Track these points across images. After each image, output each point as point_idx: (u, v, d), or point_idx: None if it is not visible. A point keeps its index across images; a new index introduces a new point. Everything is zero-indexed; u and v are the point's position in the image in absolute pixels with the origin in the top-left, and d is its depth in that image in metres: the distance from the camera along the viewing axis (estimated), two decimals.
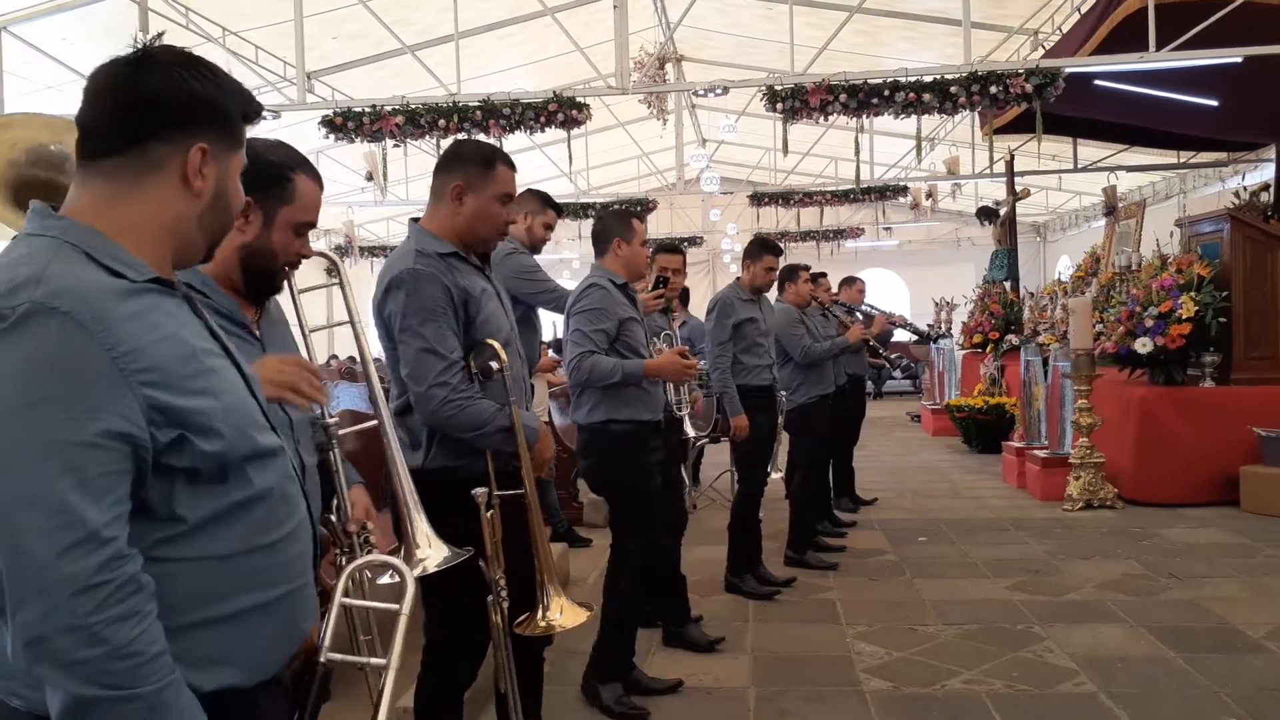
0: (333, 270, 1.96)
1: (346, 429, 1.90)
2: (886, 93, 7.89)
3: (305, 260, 1.80)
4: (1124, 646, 3.91)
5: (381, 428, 1.93)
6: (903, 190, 15.27)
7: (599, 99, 9.48)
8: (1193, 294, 6.67)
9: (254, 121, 1.32)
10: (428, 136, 8.49)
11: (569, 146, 9.28)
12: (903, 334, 11.14)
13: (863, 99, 7.91)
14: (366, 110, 8.51)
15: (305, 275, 1.86)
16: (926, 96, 7.87)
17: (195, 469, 1.16)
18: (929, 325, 12.91)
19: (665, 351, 3.62)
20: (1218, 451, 6.52)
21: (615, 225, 3.53)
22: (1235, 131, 10.40)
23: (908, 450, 10.43)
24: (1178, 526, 6.05)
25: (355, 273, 13.50)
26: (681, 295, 5.22)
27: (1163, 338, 6.65)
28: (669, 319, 4.25)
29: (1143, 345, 6.71)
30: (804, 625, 4.35)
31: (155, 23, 7.51)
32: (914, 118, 8.42)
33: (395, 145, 9.01)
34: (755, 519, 4.87)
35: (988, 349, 10.84)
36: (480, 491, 2.25)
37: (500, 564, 2.28)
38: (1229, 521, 6.12)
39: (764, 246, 4.97)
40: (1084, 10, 8.95)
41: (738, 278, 5.00)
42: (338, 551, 1.76)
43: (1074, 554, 5.46)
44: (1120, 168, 12.63)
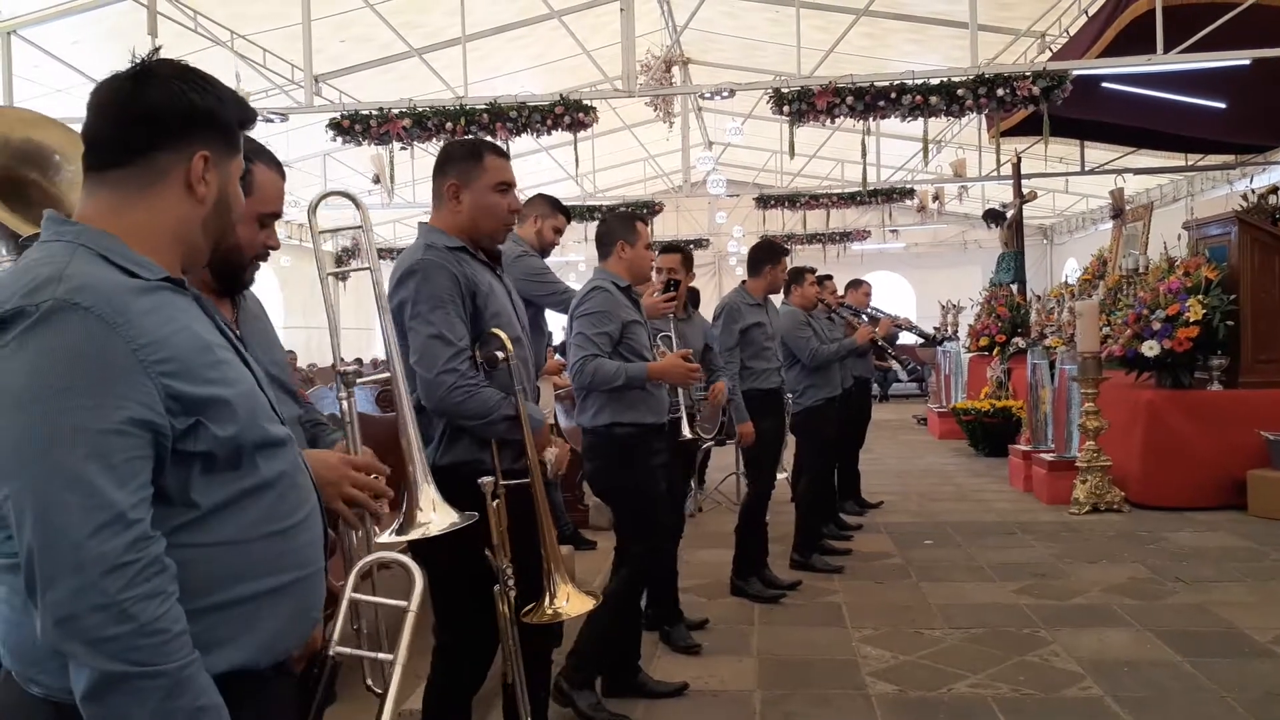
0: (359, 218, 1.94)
1: (366, 378, 1.93)
2: (893, 95, 7.90)
3: (273, 252, 1.80)
4: (1131, 651, 3.89)
5: (395, 389, 1.91)
6: (909, 193, 15.27)
7: (605, 102, 9.51)
8: (1200, 297, 6.64)
9: (250, 127, 1.38)
10: (435, 139, 8.51)
11: (575, 149, 9.27)
12: (908, 337, 11.16)
13: (869, 101, 7.91)
14: (374, 113, 8.56)
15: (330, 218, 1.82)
16: (933, 99, 7.88)
17: (211, 454, 1.20)
18: (935, 328, 12.90)
19: (668, 355, 3.62)
20: (1225, 455, 6.48)
21: (619, 228, 3.54)
22: (1243, 134, 10.38)
23: (914, 453, 10.41)
24: (1185, 530, 6.02)
25: (361, 275, 13.49)
26: (692, 297, 5.21)
27: (1170, 341, 6.61)
28: (673, 321, 4.24)
29: (1150, 348, 6.69)
30: (809, 628, 4.35)
31: (164, 26, 7.54)
32: (921, 120, 8.41)
33: (402, 148, 9.05)
34: (762, 521, 4.87)
35: (994, 352, 10.82)
36: (486, 480, 2.25)
37: (507, 553, 2.28)
38: (1236, 525, 6.09)
39: (780, 251, 5.03)
40: (1091, 12, 8.96)
41: (743, 281, 4.99)
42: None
43: (1080, 558, 5.44)
44: (1128, 170, 12.62)
